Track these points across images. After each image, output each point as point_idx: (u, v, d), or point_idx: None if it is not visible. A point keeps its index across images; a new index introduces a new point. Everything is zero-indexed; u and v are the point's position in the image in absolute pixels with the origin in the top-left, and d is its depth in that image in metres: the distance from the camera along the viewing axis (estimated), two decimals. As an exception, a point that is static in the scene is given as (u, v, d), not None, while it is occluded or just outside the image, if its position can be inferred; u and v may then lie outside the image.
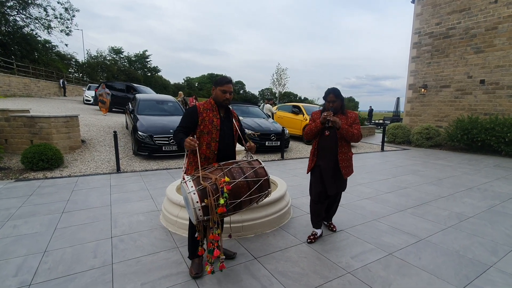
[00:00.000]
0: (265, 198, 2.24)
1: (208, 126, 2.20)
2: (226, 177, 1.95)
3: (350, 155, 2.75)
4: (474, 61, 10.09)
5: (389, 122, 19.64)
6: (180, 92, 15.76)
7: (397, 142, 11.66)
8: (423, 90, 11.53)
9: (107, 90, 13.26)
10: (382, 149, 9.87)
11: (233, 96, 2.41)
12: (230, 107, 2.47)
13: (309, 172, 2.89)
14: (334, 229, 3.06)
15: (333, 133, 2.66)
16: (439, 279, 2.26)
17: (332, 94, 2.64)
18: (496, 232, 3.18)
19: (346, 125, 2.62)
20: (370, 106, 26.75)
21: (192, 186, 1.90)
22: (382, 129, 10.09)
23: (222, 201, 1.87)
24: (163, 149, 6.76)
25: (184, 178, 1.98)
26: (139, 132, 6.66)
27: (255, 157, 2.33)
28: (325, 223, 3.12)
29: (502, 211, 3.85)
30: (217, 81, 2.28)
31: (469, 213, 3.73)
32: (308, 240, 2.84)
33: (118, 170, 5.86)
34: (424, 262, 2.50)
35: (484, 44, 9.80)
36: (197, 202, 1.85)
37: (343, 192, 3.10)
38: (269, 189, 2.19)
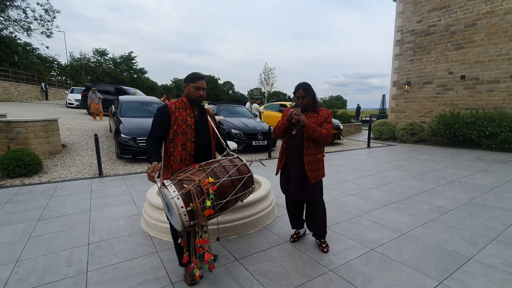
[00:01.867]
0: (249, 195, 2.18)
1: (182, 126, 2.08)
2: (209, 177, 1.87)
3: (319, 157, 2.48)
4: (454, 57, 10.34)
5: (375, 119, 19.94)
6: (134, 91, 14.65)
7: (383, 138, 11.83)
8: (406, 86, 11.75)
9: (98, 95, 12.72)
10: (368, 146, 9.99)
11: (223, 96, 2.32)
12: (215, 106, 2.39)
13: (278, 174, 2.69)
14: (326, 250, 2.58)
15: (300, 132, 2.44)
16: (419, 272, 2.27)
17: (302, 90, 2.45)
18: (476, 224, 3.24)
19: (314, 124, 2.38)
20: (358, 104, 27.18)
21: (174, 191, 1.78)
22: (368, 126, 10.21)
23: (208, 203, 1.78)
24: (147, 151, 6.61)
25: (163, 184, 1.86)
26: (122, 135, 6.50)
27: (235, 154, 2.27)
28: (317, 241, 2.72)
29: (482, 203, 3.92)
30: (188, 77, 2.17)
31: (450, 206, 3.79)
32: (291, 239, 2.81)
33: (101, 174, 5.69)
34: (405, 256, 2.51)
35: (464, 40, 10.06)
36: (182, 207, 1.74)
37: (327, 189, 2.93)
38: (253, 186, 2.13)
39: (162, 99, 14.80)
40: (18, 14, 23.17)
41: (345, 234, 2.96)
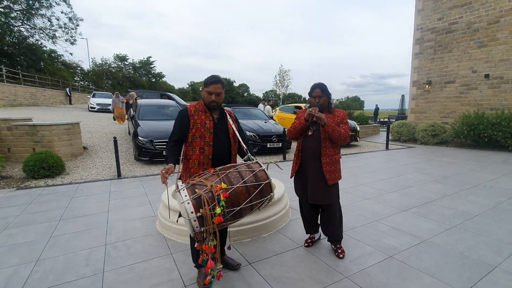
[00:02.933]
0: (268, 203, 2.07)
1: (200, 130, 2.06)
2: (222, 183, 1.81)
3: (336, 158, 2.45)
4: (477, 55, 9.88)
5: (394, 120, 19.38)
6: (132, 93, 13.56)
7: (402, 140, 11.46)
8: (427, 86, 11.34)
9: (122, 99, 13.00)
10: (387, 148, 9.69)
11: (238, 99, 2.26)
12: (230, 109, 2.32)
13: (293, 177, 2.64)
14: (341, 256, 2.50)
15: (317, 132, 2.42)
16: (441, 282, 2.15)
17: (319, 89, 2.44)
18: (502, 230, 3.04)
19: (333, 124, 2.38)
20: (376, 105, 26.40)
21: (186, 195, 1.76)
22: (386, 128, 9.92)
23: (218, 210, 1.73)
24: (164, 153, 6.73)
25: (178, 186, 1.85)
26: (140, 137, 6.66)
27: (255, 159, 2.18)
28: (333, 246, 2.65)
29: (508, 209, 3.69)
30: (204, 81, 2.15)
31: (474, 212, 3.59)
32: (306, 244, 2.75)
33: (119, 175, 5.85)
34: (426, 264, 2.39)
35: (487, 38, 9.59)
36: (192, 212, 1.71)
37: (343, 193, 2.84)
38: (272, 194, 2.00)
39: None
40: (44, 23, 24.41)
41: (362, 239, 2.87)
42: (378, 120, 23.42)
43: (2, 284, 2.25)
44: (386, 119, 22.55)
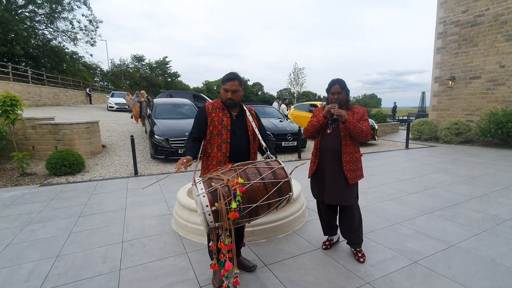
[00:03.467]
0: (286, 203, 1.96)
1: (217, 127, 2.04)
2: (239, 178, 1.76)
3: (357, 156, 2.36)
4: (506, 49, 9.31)
5: (413, 118, 18.71)
6: (142, 91, 13.39)
7: (423, 139, 11.01)
8: (450, 82, 10.82)
9: (137, 98, 13.08)
10: (407, 147, 9.34)
11: (252, 97, 2.19)
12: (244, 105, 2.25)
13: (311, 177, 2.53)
14: (362, 260, 2.39)
15: (336, 130, 2.33)
16: (473, 291, 2.00)
17: (337, 85, 2.33)
18: (540, 237, 2.81)
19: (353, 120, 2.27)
20: (394, 102, 25.54)
21: (202, 188, 1.73)
22: (406, 126, 9.56)
23: (234, 205, 1.68)
24: (179, 152, 6.79)
25: (195, 181, 1.83)
26: (156, 136, 6.74)
27: (274, 157, 2.10)
28: (352, 250, 2.53)
29: (546, 213, 3.42)
30: (222, 79, 2.12)
31: (506, 215, 3.35)
32: (324, 246, 2.65)
33: (136, 173, 5.94)
34: (454, 271, 2.23)
35: (517, 30, 9.02)
36: (207, 205, 1.67)
37: (361, 193, 2.71)
38: (291, 193, 1.91)
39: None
40: (66, 25, 25.38)
41: (383, 243, 2.73)
42: (397, 118, 22.69)
43: (24, 278, 2.31)
44: (405, 117, 21.80)
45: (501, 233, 2.90)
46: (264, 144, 2.16)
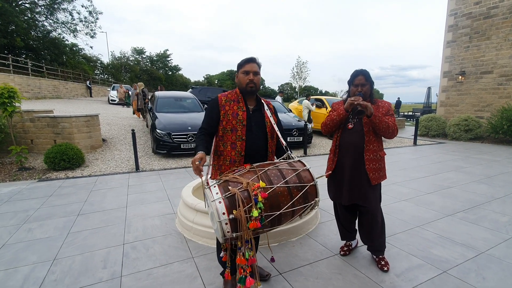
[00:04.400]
0: (310, 210, 1.73)
1: (231, 122, 1.80)
2: (261, 181, 1.54)
3: (381, 155, 2.15)
4: (521, 42, 8.98)
5: (419, 114, 18.38)
6: (140, 83, 12.67)
7: (430, 135, 10.75)
8: (460, 77, 10.50)
9: (134, 90, 12.51)
10: (415, 143, 9.10)
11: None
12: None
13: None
14: (386, 269, 2.19)
15: (359, 125, 2.12)
16: (515, 308, 1.79)
17: (362, 76, 2.10)
18: None
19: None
20: (398, 98, 25.13)
21: (217, 193, 1.50)
22: (413, 122, 9.29)
23: (255, 212, 1.44)
24: (182, 147, 6.57)
25: (208, 183, 1.58)
26: (157, 130, 6.52)
27: (296, 157, 1.85)
28: (374, 257, 2.33)
29: None
30: (238, 64, 1.87)
31: (535, 219, 3.14)
32: (342, 252, 2.44)
33: (137, 169, 5.74)
34: (491, 284, 2.02)
35: (533, 22, 8.67)
36: (224, 213, 1.44)
37: None
38: (317, 199, 1.69)
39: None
40: (66, 17, 24.93)
41: (406, 249, 2.52)
42: (401, 113, 22.37)
43: (19, 283, 2.12)
44: (410, 113, 21.48)
45: (533, 238, 2.68)
46: (284, 142, 1.92)
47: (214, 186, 1.55)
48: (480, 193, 4.03)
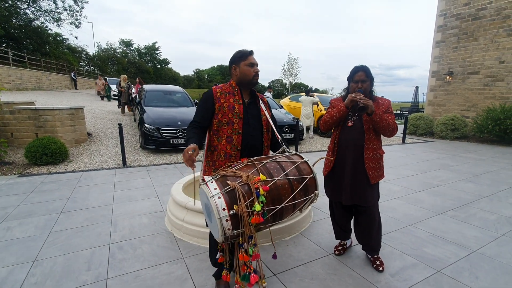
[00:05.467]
0: (310, 204, 1.71)
1: (227, 115, 1.73)
2: (261, 174, 1.49)
3: (380, 153, 2.11)
4: (507, 44, 9.19)
5: (406, 112, 18.71)
6: (123, 76, 11.48)
7: (418, 133, 10.95)
8: (448, 77, 10.70)
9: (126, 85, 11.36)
10: (403, 141, 9.23)
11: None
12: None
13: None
14: (381, 269, 2.16)
15: (359, 123, 2.07)
16: (509, 308, 1.79)
17: (362, 72, 2.04)
18: (562, 242, 2.66)
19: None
20: (382, 96, 25.42)
21: (215, 188, 1.42)
22: (401, 120, 9.42)
23: (258, 207, 1.38)
24: (171, 142, 6.41)
25: (203, 179, 1.51)
26: (146, 125, 6.32)
27: (293, 151, 1.80)
28: (369, 257, 2.30)
29: (559, 215, 3.29)
30: (236, 57, 1.79)
31: (522, 217, 3.20)
32: (336, 252, 2.40)
33: (124, 164, 5.55)
34: (484, 283, 2.03)
35: (519, 25, 8.89)
36: (224, 209, 1.37)
37: None
38: (316, 192, 1.66)
39: (137, 85, 11.75)
40: (49, 5, 23.95)
41: (400, 248, 2.51)
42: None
43: (-6, 289, 1.97)
44: (398, 111, 21.86)
45: (521, 237, 2.73)
46: (279, 136, 1.87)
47: (211, 182, 1.47)
48: (468, 191, 4.10)
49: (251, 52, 1.79)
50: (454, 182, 4.58)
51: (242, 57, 1.76)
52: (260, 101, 1.89)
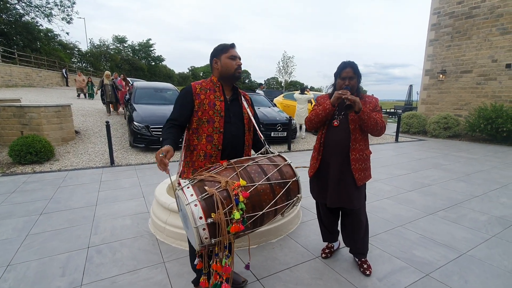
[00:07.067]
0: (293, 207, 1.63)
1: (208, 112, 1.63)
2: (241, 179, 1.41)
3: (367, 154, 2.04)
4: (499, 43, 9.21)
5: (401, 111, 18.77)
6: (107, 72, 10.57)
7: (411, 132, 10.96)
8: (441, 76, 10.70)
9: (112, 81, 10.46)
10: (396, 140, 9.22)
11: (239, 85, 1.81)
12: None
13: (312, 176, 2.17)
14: (368, 273, 2.08)
15: (345, 123, 1.99)
16: (498, 314, 1.73)
17: (350, 68, 1.95)
18: (552, 243, 2.62)
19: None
20: (372, 95, 25.46)
21: (192, 194, 1.32)
22: (395, 119, 9.40)
23: (237, 215, 1.29)
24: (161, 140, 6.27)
25: (180, 184, 1.41)
26: (135, 123, 6.18)
27: (276, 152, 1.71)
28: (356, 260, 2.23)
29: (550, 215, 3.26)
30: (217, 50, 1.70)
31: (513, 218, 3.16)
32: (323, 255, 2.32)
33: (112, 163, 5.42)
34: (473, 286, 1.96)
35: (511, 24, 8.90)
36: (201, 217, 1.28)
37: None
38: (299, 195, 1.58)
39: (118, 80, 10.97)
40: (40, 0, 23.43)
41: (388, 250, 2.44)
42: (384, 110, 22.78)
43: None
44: (392, 110, 21.93)
45: None
46: (262, 136, 1.77)
47: (188, 187, 1.37)
48: (460, 191, 4.06)
49: (232, 45, 1.70)
50: (446, 181, 4.54)
51: (223, 50, 1.67)
52: (243, 98, 1.80)
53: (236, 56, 1.68)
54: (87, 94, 15.70)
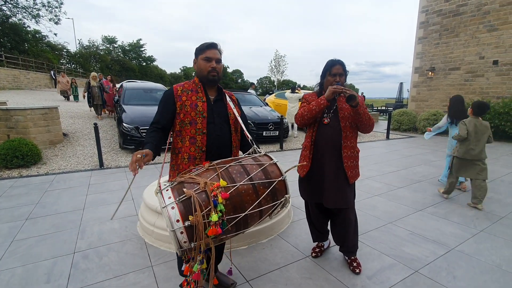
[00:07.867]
0: (281, 208, 1.57)
1: (190, 114, 1.60)
2: (221, 180, 1.36)
3: (357, 151, 2.05)
4: (486, 40, 9.37)
5: (392, 108, 18.98)
6: (93, 73, 10.10)
7: (402, 129, 11.08)
8: (430, 73, 10.85)
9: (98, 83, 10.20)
10: (387, 137, 9.30)
11: (231, 85, 1.75)
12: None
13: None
14: (358, 271, 2.07)
15: (335, 120, 1.98)
16: (485, 309, 1.75)
17: (339, 65, 1.96)
18: (537, 236, 2.66)
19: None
20: (362, 93, 25.64)
21: (169, 197, 1.29)
22: (386, 116, 9.47)
23: (215, 217, 1.25)
24: (152, 142, 6.19)
25: (160, 186, 1.37)
26: (124, 124, 6.09)
27: (263, 151, 1.67)
28: (346, 258, 2.22)
29: (536, 208, 3.32)
30: (196, 49, 1.67)
31: (500, 212, 3.20)
32: (313, 254, 2.31)
33: (101, 166, 5.32)
34: (461, 283, 1.98)
35: (498, 21, 9.06)
36: (178, 220, 1.23)
37: None
38: (287, 196, 1.51)
39: (104, 81, 10.53)
40: (27, 1, 22.99)
41: (378, 247, 2.45)
42: (375, 108, 23.00)
43: None
44: (383, 107, 22.15)
45: (500, 233, 2.71)
46: (249, 136, 1.73)
47: (167, 190, 1.33)
48: (449, 186, 4.10)
49: (210, 45, 1.63)
50: (435, 177, 4.60)
51: (201, 50, 1.63)
52: (228, 99, 1.76)
53: (211, 58, 1.62)
54: (72, 96, 15.24)
